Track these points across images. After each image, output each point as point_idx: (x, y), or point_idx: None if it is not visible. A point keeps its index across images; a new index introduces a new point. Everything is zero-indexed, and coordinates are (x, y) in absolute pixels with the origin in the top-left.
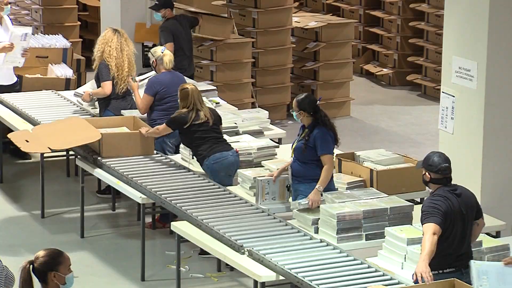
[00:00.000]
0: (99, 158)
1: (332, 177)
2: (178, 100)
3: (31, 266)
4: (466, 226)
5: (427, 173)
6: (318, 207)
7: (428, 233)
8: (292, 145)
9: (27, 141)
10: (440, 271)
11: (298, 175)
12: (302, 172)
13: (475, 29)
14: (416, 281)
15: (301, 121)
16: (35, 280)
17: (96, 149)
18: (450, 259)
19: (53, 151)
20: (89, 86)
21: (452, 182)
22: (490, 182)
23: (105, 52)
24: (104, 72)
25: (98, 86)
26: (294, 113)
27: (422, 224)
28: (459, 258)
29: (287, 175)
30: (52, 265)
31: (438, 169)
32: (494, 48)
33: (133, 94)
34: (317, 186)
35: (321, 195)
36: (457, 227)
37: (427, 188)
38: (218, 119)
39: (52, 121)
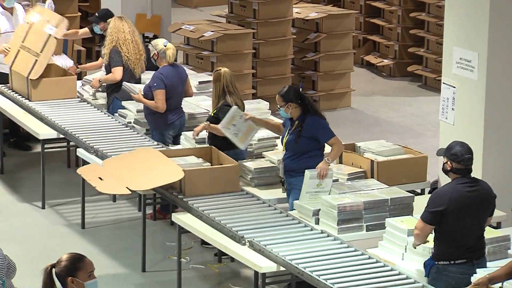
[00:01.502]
0: (184, 199)
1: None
2: (212, 83)
3: (53, 269)
4: (478, 220)
5: (449, 162)
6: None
7: (416, 224)
8: (282, 140)
9: (100, 179)
10: (452, 262)
11: (290, 170)
12: (295, 166)
13: (476, 20)
14: None
15: (290, 114)
16: (58, 284)
17: (176, 186)
18: (461, 250)
19: (132, 191)
20: (99, 75)
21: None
22: (491, 173)
23: (120, 39)
24: (115, 58)
25: (109, 73)
26: (282, 109)
27: None
28: (470, 249)
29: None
30: (71, 271)
31: (461, 160)
32: (495, 38)
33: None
34: (326, 158)
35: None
36: (466, 220)
37: (427, 179)
38: (243, 108)
39: (123, 153)
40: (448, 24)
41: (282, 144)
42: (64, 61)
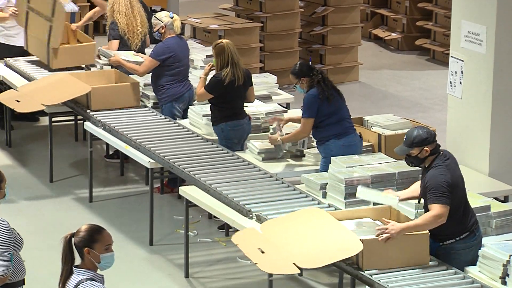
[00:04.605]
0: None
1: (361, 141)
2: (214, 57)
3: (72, 238)
4: (464, 186)
5: (425, 149)
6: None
7: (435, 213)
8: None
9: (261, 252)
10: (457, 238)
11: (315, 139)
12: (318, 135)
13: None
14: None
15: (305, 88)
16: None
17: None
18: (463, 224)
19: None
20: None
21: (460, 146)
22: (499, 146)
23: (115, 11)
24: (112, 31)
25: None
26: (297, 86)
27: (430, 202)
28: (470, 220)
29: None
30: (88, 242)
31: (433, 138)
32: (504, 12)
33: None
34: (279, 136)
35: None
36: (463, 189)
37: None
38: (249, 80)
39: (283, 215)
40: None
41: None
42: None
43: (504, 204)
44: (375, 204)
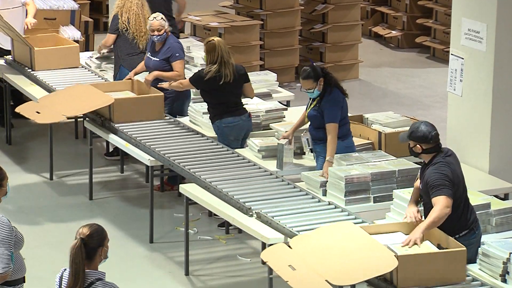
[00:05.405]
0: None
1: (351, 139)
2: (204, 54)
3: (84, 243)
4: (465, 184)
5: (418, 145)
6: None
7: (441, 204)
8: (306, 110)
9: (292, 268)
10: (457, 236)
11: (314, 138)
12: (319, 136)
13: None
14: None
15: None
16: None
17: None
18: (463, 221)
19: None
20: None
21: (461, 144)
22: (499, 144)
23: (125, 6)
24: (112, 24)
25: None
26: (315, 90)
27: (433, 196)
28: (470, 217)
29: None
30: (102, 240)
31: (430, 139)
32: (504, 9)
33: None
34: (327, 158)
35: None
36: (463, 187)
37: None
38: (242, 77)
39: (311, 231)
40: None
41: (306, 116)
42: (72, 32)
43: (504, 201)
44: None
